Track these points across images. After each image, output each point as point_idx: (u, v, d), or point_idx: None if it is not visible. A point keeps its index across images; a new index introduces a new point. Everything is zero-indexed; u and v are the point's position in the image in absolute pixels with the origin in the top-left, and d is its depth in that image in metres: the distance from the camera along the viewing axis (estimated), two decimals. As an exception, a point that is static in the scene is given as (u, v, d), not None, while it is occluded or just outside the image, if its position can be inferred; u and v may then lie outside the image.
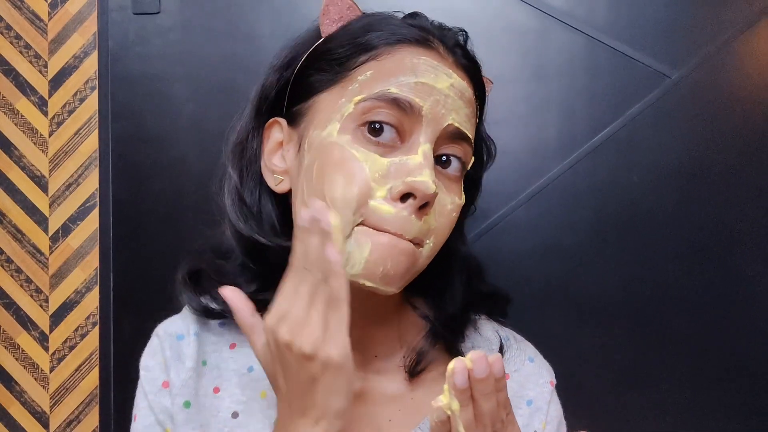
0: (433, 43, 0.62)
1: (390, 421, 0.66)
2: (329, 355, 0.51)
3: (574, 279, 1.19)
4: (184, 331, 0.67)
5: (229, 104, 1.26)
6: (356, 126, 0.58)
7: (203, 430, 0.64)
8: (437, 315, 0.68)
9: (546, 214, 1.19)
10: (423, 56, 0.60)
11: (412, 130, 0.58)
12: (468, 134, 0.61)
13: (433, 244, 0.60)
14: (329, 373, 0.52)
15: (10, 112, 1.33)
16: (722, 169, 1.17)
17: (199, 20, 1.25)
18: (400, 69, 0.59)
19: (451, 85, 0.60)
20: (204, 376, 0.66)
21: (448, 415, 0.45)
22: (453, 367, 0.45)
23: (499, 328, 0.74)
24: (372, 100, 0.58)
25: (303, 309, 0.52)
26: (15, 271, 1.34)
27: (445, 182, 0.61)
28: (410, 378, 0.66)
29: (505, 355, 0.70)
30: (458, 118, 0.60)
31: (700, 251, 1.18)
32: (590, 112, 1.19)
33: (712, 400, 1.18)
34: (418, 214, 0.57)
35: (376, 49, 0.61)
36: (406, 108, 0.58)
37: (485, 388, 0.45)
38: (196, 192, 1.23)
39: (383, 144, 0.58)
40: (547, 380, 0.71)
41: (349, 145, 0.58)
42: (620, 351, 1.19)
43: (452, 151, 0.61)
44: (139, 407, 0.67)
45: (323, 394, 0.52)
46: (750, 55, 1.17)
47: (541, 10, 1.19)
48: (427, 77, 0.59)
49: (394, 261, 0.56)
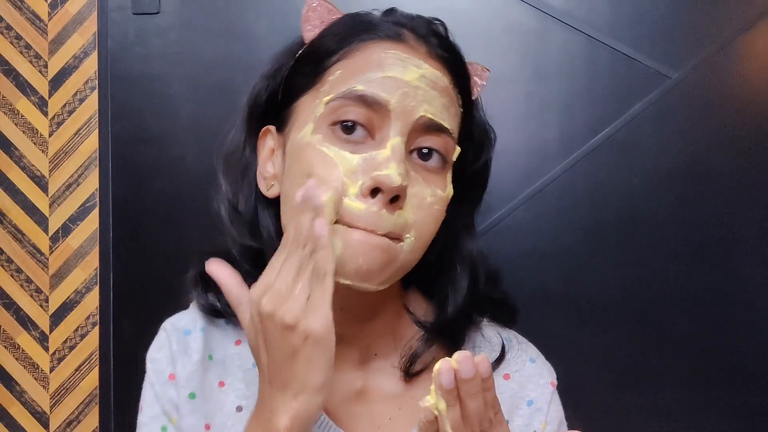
0: (404, 35, 0.61)
1: (390, 420, 0.66)
2: (310, 326, 0.52)
3: (573, 279, 1.19)
4: (191, 326, 0.68)
5: (229, 104, 1.25)
6: (328, 125, 0.59)
7: (208, 422, 0.65)
8: (435, 318, 0.68)
9: (545, 214, 1.19)
10: (392, 50, 0.60)
11: (381, 126, 0.58)
12: (444, 125, 0.60)
13: (415, 238, 0.59)
14: (310, 345, 0.52)
15: (10, 112, 1.33)
16: (722, 169, 1.17)
17: (198, 20, 1.25)
18: (368, 65, 0.59)
19: (421, 75, 0.59)
20: (210, 370, 0.67)
21: (436, 415, 0.46)
22: (439, 367, 0.46)
23: (501, 330, 0.74)
24: (339, 99, 0.58)
25: (287, 281, 0.53)
26: (15, 271, 1.34)
27: (424, 175, 0.60)
28: (406, 378, 0.66)
29: (507, 356, 0.70)
30: (431, 109, 0.59)
31: (699, 252, 1.18)
32: (590, 112, 1.19)
33: (711, 401, 1.18)
34: (390, 208, 0.56)
35: (346, 48, 0.61)
36: (372, 104, 0.58)
37: (471, 388, 0.46)
38: (196, 192, 1.22)
39: (354, 141, 0.58)
40: (548, 381, 0.71)
41: (320, 144, 0.58)
42: (619, 351, 1.19)
43: (430, 143, 0.60)
44: (145, 399, 0.68)
45: (303, 366, 0.52)
46: (750, 56, 1.17)
47: (541, 10, 1.19)
48: (394, 71, 0.58)
49: (367, 257, 0.56)
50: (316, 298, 0.52)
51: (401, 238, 0.59)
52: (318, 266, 0.53)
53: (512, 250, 1.19)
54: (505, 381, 0.69)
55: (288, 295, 0.52)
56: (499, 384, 0.69)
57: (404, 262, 0.60)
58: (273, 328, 0.52)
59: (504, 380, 0.69)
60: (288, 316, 0.52)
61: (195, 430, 0.65)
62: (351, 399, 0.66)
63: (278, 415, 0.53)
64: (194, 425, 0.65)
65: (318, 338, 0.52)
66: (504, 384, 0.69)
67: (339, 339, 0.65)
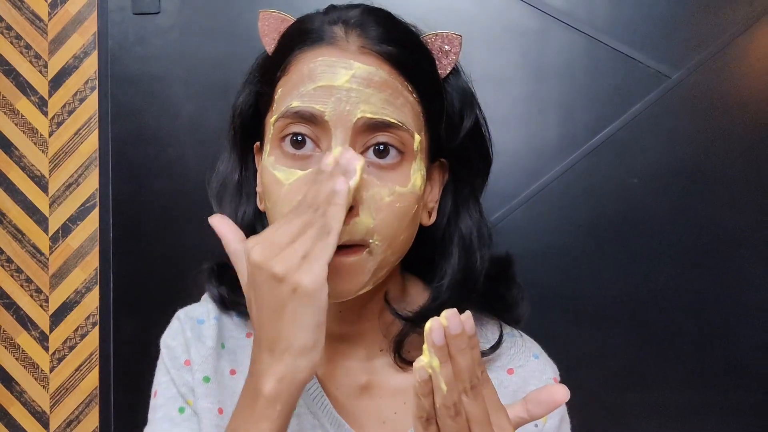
0: (335, 36, 0.60)
1: (395, 414, 0.66)
2: (300, 279, 0.50)
3: (573, 280, 1.19)
4: (205, 316, 0.69)
5: (228, 104, 1.25)
6: (278, 143, 0.59)
7: (221, 406, 0.65)
8: (424, 301, 0.67)
9: (545, 214, 1.19)
10: (320, 56, 0.59)
11: (324, 136, 0.58)
12: (389, 119, 0.58)
13: (381, 241, 0.58)
14: (297, 300, 0.50)
15: (10, 112, 1.33)
16: (722, 169, 1.17)
17: (198, 21, 1.25)
18: (300, 79, 0.59)
19: (351, 76, 0.58)
20: (223, 357, 0.68)
21: (430, 373, 0.47)
22: (430, 326, 0.46)
23: (505, 326, 0.74)
24: (281, 119, 0.58)
25: (286, 236, 0.52)
26: (15, 271, 1.34)
27: (380, 174, 0.58)
28: (401, 366, 0.66)
29: (510, 351, 0.70)
30: (369, 108, 0.57)
31: (699, 252, 1.18)
32: (590, 112, 1.19)
33: (711, 400, 1.18)
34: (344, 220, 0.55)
35: (285, 63, 0.61)
36: (309, 118, 0.57)
37: (461, 344, 0.46)
38: (196, 191, 1.23)
39: (303, 156, 0.58)
40: (551, 376, 0.71)
41: (272, 166, 0.59)
42: (618, 351, 1.19)
43: (381, 140, 0.58)
44: (159, 383, 0.68)
45: (289, 323, 0.51)
46: (750, 56, 1.17)
47: (541, 10, 1.19)
48: (324, 79, 0.58)
49: (336, 280, 0.56)
50: (315, 253, 0.51)
51: (366, 244, 0.58)
52: (326, 222, 0.52)
53: (512, 249, 1.19)
54: (508, 375, 0.69)
55: (283, 248, 0.51)
56: (503, 379, 0.69)
57: (378, 265, 0.59)
58: (260, 277, 0.51)
59: (508, 375, 0.69)
60: (278, 266, 0.50)
61: (209, 413, 0.65)
62: (357, 393, 0.67)
63: (264, 378, 0.52)
64: (208, 408, 0.65)
65: (307, 293, 0.50)
66: (508, 378, 0.69)
67: (342, 337, 0.66)
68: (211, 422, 0.64)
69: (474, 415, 0.47)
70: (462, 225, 0.67)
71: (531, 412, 0.50)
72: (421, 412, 0.48)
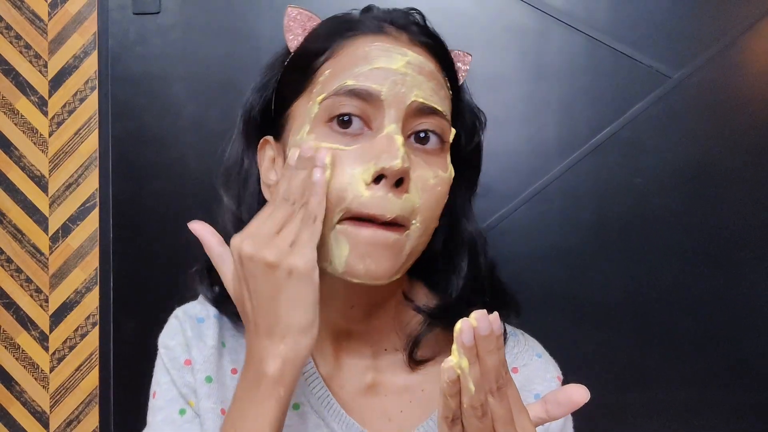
0: (385, 28, 0.63)
1: (401, 412, 0.67)
2: (294, 262, 0.53)
3: (574, 280, 1.19)
4: (204, 314, 0.69)
5: (229, 104, 1.26)
6: (324, 123, 0.60)
7: (223, 407, 0.65)
8: (436, 304, 0.68)
9: (546, 214, 1.19)
10: (375, 42, 0.62)
11: (376, 116, 0.59)
12: (437, 107, 0.61)
13: (421, 223, 0.60)
14: (293, 282, 0.53)
15: (10, 112, 1.33)
16: (724, 169, 1.17)
17: (199, 20, 1.25)
18: (354, 60, 0.60)
19: (407, 62, 0.60)
20: (224, 356, 0.68)
21: (458, 374, 0.47)
22: (460, 327, 0.47)
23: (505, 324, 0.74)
24: (332, 96, 0.59)
25: (272, 228, 0.54)
26: (15, 271, 1.34)
27: (424, 157, 0.60)
28: (411, 365, 0.67)
29: (514, 350, 0.71)
30: (422, 93, 0.60)
31: (701, 252, 1.18)
32: (591, 112, 1.19)
33: (713, 401, 1.18)
34: (396, 193, 0.57)
35: (331, 48, 0.62)
36: (365, 96, 0.59)
37: (489, 345, 0.47)
38: (196, 192, 1.23)
39: (351, 134, 0.59)
40: (554, 375, 0.72)
41: (315, 141, 0.60)
42: (621, 351, 1.19)
43: (426, 126, 0.61)
44: (159, 383, 0.68)
45: (287, 306, 0.53)
46: (751, 56, 1.17)
47: (541, 10, 1.19)
48: (380, 61, 0.60)
49: (374, 257, 0.57)
50: (303, 238, 0.54)
51: (407, 225, 0.59)
52: (309, 211, 0.55)
53: (513, 249, 1.19)
54: (513, 374, 0.70)
55: (271, 238, 0.54)
56: None
57: (411, 250, 0.60)
58: (254, 267, 0.54)
59: (512, 374, 0.70)
60: (270, 255, 0.53)
61: (212, 414, 0.65)
62: (363, 391, 0.67)
63: (267, 360, 0.54)
64: (211, 408, 0.65)
65: (301, 274, 0.53)
66: (512, 377, 0.70)
67: (348, 335, 0.66)
68: (214, 423, 0.64)
69: (499, 416, 0.48)
70: (463, 231, 0.69)
71: (550, 413, 0.51)
72: (447, 412, 0.49)
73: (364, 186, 0.57)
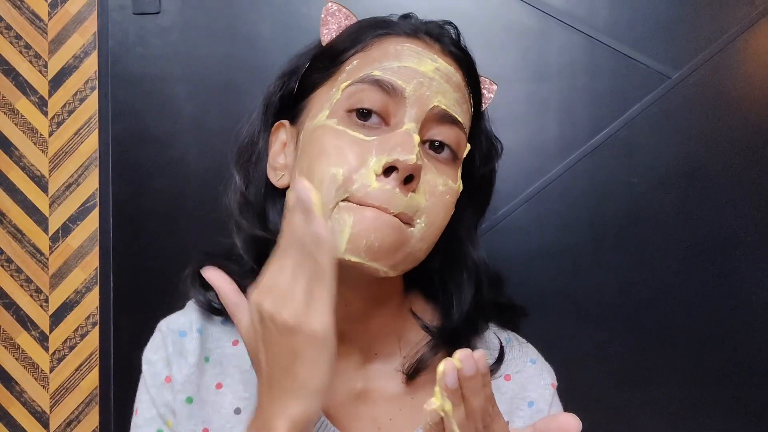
0: (420, 34, 0.64)
1: (391, 420, 0.66)
2: (313, 327, 0.51)
3: (573, 279, 1.19)
4: (187, 327, 0.68)
5: (229, 104, 1.26)
6: (344, 111, 0.60)
7: (206, 426, 0.64)
8: (441, 324, 0.67)
9: (545, 214, 1.19)
10: (408, 43, 0.62)
11: (396, 112, 0.59)
12: (457, 117, 0.61)
13: (426, 225, 0.59)
14: (311, 347, 0.52)
15: (10, 112, 1.33)
16: (722, 169, 1.17)
17: (199, 20, 1.25)
18: (385, 56, 0.61)
19: (436, 68, 0.61)
20: (206, 372, 0.66)
21: (442, 416, 0.46)
22: (443, 369, 0.46)
23: (501, 331, 0.74)
24: (356, 83, 0.60)
25: (287, 282, 0.52)
26: (15, 271, 1.34)
27: (436, 165, 0.60)
28: (407, 381, 0.66)
29: (507, 357, 0.70)
30: (445, 100, 0.60)
31: (699, 252, 1.18)
32: (590, 112, 1.19)
33: (711, 400, 1.18)
34: (403, 189, 0.57)
35: (363, 42, 0.63)
36: (389, 90, 0.59)
37: (475, 386, 0.46)
38: (196, 192, 1.23)
39: (369, 126, 0.59)
40: (549, 382, 0.71)
41: (334, 125, 0.59)
42: (619, 351, 1.19)
43: (442, 135, 0.61)
44: (141, 401, 0.68)
45: (304, 368, 0.52)
46: (750, 56, 1.17)
47: (541, 10, 1.19)
48: (410, 61, 0.60)
49: (379, 233, 0.56)
50: (317, 297, 0.52)
51: (412, 223, 0.59)
52: (319, 266, 0.52)
53: (512, 249, 1.19)
54: (505, 382, 0.69)
55: (288, 295, 0.52)
56: (500, 385, 0.69)
57: (414, 249, 0.60)
58: (274, 329, 0.52)
59: (505, 381, 0.69)
60: (289, 317, 0.51)
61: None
62: (352, 400, 0.66)
63: (276, 419, 0.53)
64: (192, 430, 0.65)
65: (319, 339, 0.51)
66: (505, 385, 0.69)
67: (340, 336, 0.65)
68: None
69: None
70: (467, 254, 0.69)
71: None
72: None
73: (374, 177, 0.57)
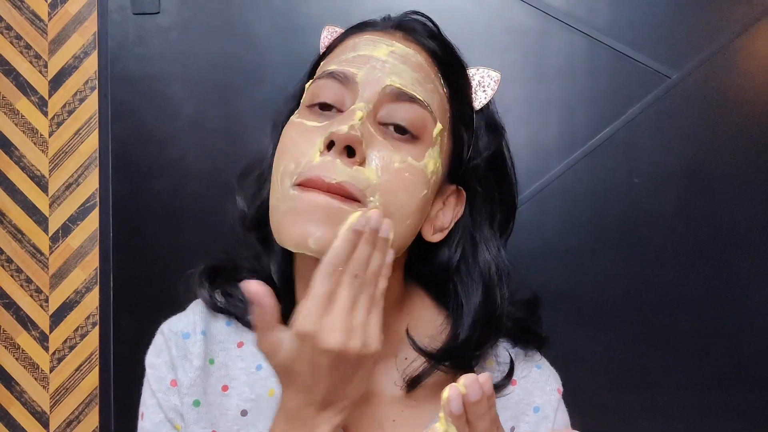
0: (386, 27, 0.65)
1: (393, 422, 0.65)
2: (373, 351, 0.53)
3: (574, 280, 1.19)
4: (190, 329, 0.67)
5: (229, 104, 1.26)
6: (306, 108, 0.62)
7: (213, 429, 0.64)
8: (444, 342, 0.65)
9: (545, 214, 1.19)
10: (366, 35, 0.64)
11: (351, 98, 0.60)
12: (416, 95, 0.61)
13: (380, 202, 0.58)
14: (365, 366, 0.53)
15: (10, 112, 1.33)
16: (722, 169, 1.17)
17: (198, 20, 1.25)
18: (343, 50, 0.63)
19: (390, 51, 0.62)
20: (212, 374, 0.66)
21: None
22: (448, 395, 0.46)
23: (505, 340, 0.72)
24: (316, 80, 0.62)
25: (345, 314, 0.52)
26: (15, 271, 1.34)
27: (394, 142, 0.60)
28: (407, 391, 0.66)
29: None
30: (399, 80, 0.60)
31: (700, 252, 1.18)
32: (590, 112, 1.19)
33: (712, 401, 1.18)
34: (347, 161, 0.57)
35: (334, 46, 0.66)
36: (341, 79, 0.60)
37: (480, 410, 0.46)
38: (196, 191, 1.23)
39: (327, 116, 0.61)
40: (554, 388, 0.70)
41: (295, 118, 0.62)
42: (620, 351, 1.19)
43: (400, 112, 0.60)
44: (146, 405, 0.67)
45: (354, 385, 0.54)
46: (750, 56, 1.17)
47: (541, 10, 1.19)
48: (365, 50, 0.62)
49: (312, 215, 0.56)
50: (373, 323, 0.53)
51: (363, 201, 0.57)
52: (377, 294, 0.53)
53: (512, 249, 1.18)
54: (512, 387, 0.69)
55: (352, 329, 0.52)
56: (506, 389, 0.68)
57: None
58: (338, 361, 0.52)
59: (511, 386, 0.69)
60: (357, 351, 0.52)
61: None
62: None
63: (320, 429, 0.54)
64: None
65: (372, 357, 0.53)
66: (511, 389, 0.69)
67: None
68: None
69: None
70: (480, 259, 0.67)
71: None
72: None
73: (318, 154, 0.57)
